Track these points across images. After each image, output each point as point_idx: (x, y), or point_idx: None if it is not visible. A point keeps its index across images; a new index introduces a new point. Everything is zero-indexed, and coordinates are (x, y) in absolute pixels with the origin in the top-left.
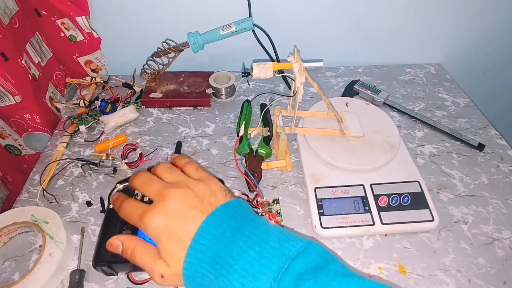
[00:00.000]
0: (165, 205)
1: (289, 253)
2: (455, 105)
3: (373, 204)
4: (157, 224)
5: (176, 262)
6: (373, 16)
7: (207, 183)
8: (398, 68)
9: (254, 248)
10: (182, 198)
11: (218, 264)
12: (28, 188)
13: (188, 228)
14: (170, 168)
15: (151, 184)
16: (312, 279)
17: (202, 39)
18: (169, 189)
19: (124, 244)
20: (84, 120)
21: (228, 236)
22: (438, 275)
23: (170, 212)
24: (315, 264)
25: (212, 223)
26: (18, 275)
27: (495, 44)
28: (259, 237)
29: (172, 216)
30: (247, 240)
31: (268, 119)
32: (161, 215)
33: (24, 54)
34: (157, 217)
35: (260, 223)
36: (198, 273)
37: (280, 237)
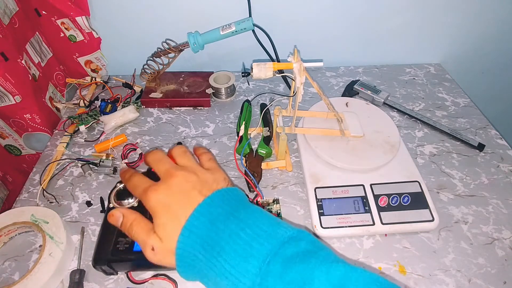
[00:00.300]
0: (169, 183)
1: (280, 238)
2: (455, 105)
3: (373, 204)
4: (158, 198)
5: (169, 238)
6: (373, 16)
7: (213, 173)
8: (398, 68)
9: (246, 231)
10: (186, 179)
11: (209, 246)
12: (28, 188)
13: (186, 208)
14: (184, 152)
15: (162, 163)
16: (301, 263)
17: (202, 39)
18: (177, 170)
19: (125, 217)
20: (84, 120)
21: (222, 219)
22: (438, 275)
23: (172, 190)
24: (305, 249)
25: (206, 207)
26: (18, 275)
27: (495, 44)
28: (251, 221)
29: (173, 194)
30: (239, 223)
31: (268, 119)
32: (163, 191)
33: (24, 54)
34: (160, 192)
35: (253, 209)
36: (190, 253)
37: (273, 223)
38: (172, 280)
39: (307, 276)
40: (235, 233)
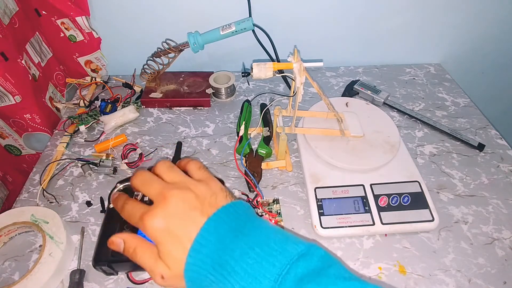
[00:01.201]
0: (165, 206)
1: (291, 256)
2: (455, 105)
3: (373, 204)
4: (157, 226)
5: (176, 263)
6: (373, 16)
7: (208, 184)
8: (398, 68)
9: (255, 249)
10: (182, 199)
11: (219, 266)
12: (28, 188)
13: (189, 229)
14: (170, 167)
15: (151, 184)
16: (313, 282)
17: (202, 39)
18: (170, 190)
19: (126, 243)
20: (84, 120)
21: (229, 237)
22: (438, 275)
23: (170, 214)
24: (316, 267)
25: (213, 225)
26: (18, 275)
27: (495, 44)
28: (260, 239)
29: (172, 218)
30: (248, 241)
31: (268, 119)
32: (161, 216)
33: (24, 54)
34: (157, 218)
35: (261, 225)
36: (200, 274)
37: (282, 239)
38: None
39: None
40: (245, 253)
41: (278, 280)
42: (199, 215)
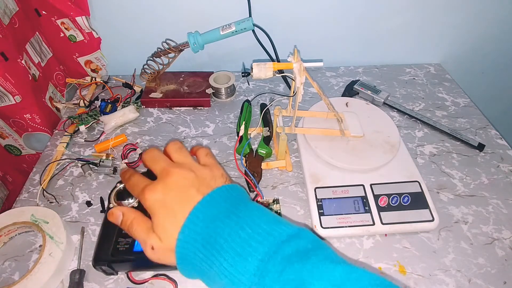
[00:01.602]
0: (166, 181)
1: (280, 236)
2: (455, 105)
3: (373, 204)
4: (155, 197)
5: (168, 236)
6: (373, 16)
7: (211, 169)
8: (398, 68)
9: (245, 229)
10: (183, 177)
11: (209, 244)
12: (28, 188)
13: (184, 205)
14: (180, 149)
15: (158, 161)
16: (300, 262)
17: (202, 39)
18: (173, 168)
19: (125, 215)
20: (84, 120)
21: (221, 217)
22: (438, 275)
23: (169, 188)
24: (305, 248)
25: (207, 204)
26: (18, 275)
27: (495, 44)
28: (251, 219)
29: (170, 192)
30: (238, 221)
31: (268, 119)
32: (160, 190)
33: (24, 54)
34: (157, 191)
35: (254, 207)
36: (190, 251)
37: (273, 221)
38: (172, 280)
39: (306, 275)
40: (235, 232)
41: (265, 258)
42: (195, 193)
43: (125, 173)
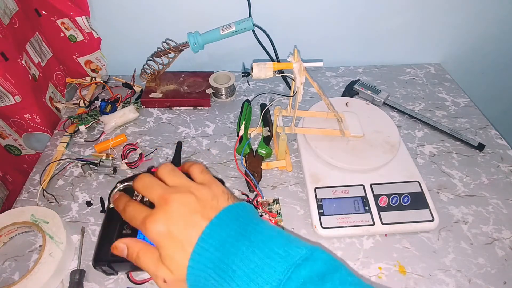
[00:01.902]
0: (166, 210)
1: (293, 260)
2: (455, 105)
3: (373, 204)
4: (159, 229)
5: (178, 268)
6: (373, 16)
7: (209, 187)
8: (398, 68)
9: (257, 253)
10: (183, 203)
11: (221, 270)
12: (28, 188)
13: (190, 233)
14: (172, 171)
15: (152, 188)
16: (317, 287)
17: (202, 39)
18: (171, 194)
19: (129, 248)
20: (84, 120)
21: (231, 241)
22: (438, 275)
23: (171, 218)
24: (320, 271)
25: (214, 228)
26: (18, 275)
27: (495, 44)
28: (262, 242)
29: (173, 222)
30: (250, 244)
31: (268, 119)
32: (162, 220)
33: (24, 54)
34: (159, 222)
35: (263, 227)
36: (202, 278)
37: (284, 242)
38: None
39: None
40: (246, 257)
41: (280, 285)
42: (200, 218)
43: (117, 201)
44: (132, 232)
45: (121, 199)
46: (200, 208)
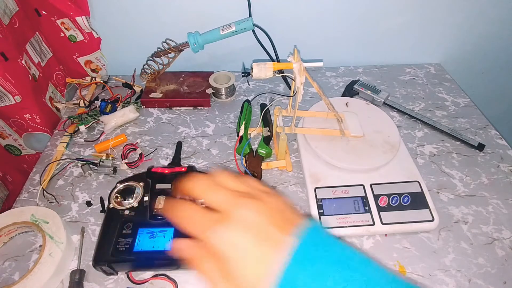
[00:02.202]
0: (238, 217)
1: None
2: (455, 105)
3: (373, 204)
4: (231, 238)
5: (243, 283)
6: (373, 16)
7: (276, 196)
8: (398, 68)
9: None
10: (257, 211)
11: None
12: (28, 188)
13: (271, 251)
14: (235, 177)
15: (215, 191)
16: None
17: (202, 39)
18: (241, 198)
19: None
20: (84, 120)
21: (323, 267)
22: (438, 275)
23: (245, 227)
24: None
25: (303, 249)
26: (18, 275)
27: (495, 44)
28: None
29: (248, 232)
30: (350, 272)
31: (268, 119)
32: (236, 228)
33: (24, 54)
34: (231, 230)
35: (347, 249)
36: None
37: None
38: (172, 280)
39: None
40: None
41: None
42: (277, 232)
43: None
44: (132, 233)
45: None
46: (274, 219)
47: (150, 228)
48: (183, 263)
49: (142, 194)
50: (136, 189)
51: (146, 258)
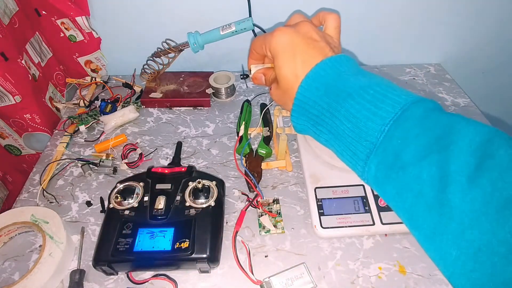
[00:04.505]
0: (298, 28)
1: (417, 96)
2: (455, 105)
3: (373, 204)
4: (284, 38)
5: (285, 79)
6: (373, 16)
7: (337, 39)
8: (398, 68)
9: (381, 85)
10: (315, 30)
11: (334, 93)
12: (28, 188)
13: (313, 55)
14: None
15: (291, 20)
16: (445, 113)
17: (202, 39)
18: (306, 21)
19: (266, 75)
20: (84, 120)
21: (350, 74)
22: (438, 275)
23: (300, 34)
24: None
25: (335, 60)
26: (18, 275)
27: (495, 44)
28: (382, 81)
29: (301, 38)
30: (371, 79)
31: (268, 119)
32: (292, 32)
33: (24, 54)
34: (287, 33)
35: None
36: (310, 100)
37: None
38: (172, 280)
39: (451, 126)
40: (367, 85)
41: (404, 106)
42: (325, 46)
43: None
44: (132, 232)
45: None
46: (325, 41)
47: (150, 228)
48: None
49: (142, 194)
50: (136, 189)
51: (146, 258)
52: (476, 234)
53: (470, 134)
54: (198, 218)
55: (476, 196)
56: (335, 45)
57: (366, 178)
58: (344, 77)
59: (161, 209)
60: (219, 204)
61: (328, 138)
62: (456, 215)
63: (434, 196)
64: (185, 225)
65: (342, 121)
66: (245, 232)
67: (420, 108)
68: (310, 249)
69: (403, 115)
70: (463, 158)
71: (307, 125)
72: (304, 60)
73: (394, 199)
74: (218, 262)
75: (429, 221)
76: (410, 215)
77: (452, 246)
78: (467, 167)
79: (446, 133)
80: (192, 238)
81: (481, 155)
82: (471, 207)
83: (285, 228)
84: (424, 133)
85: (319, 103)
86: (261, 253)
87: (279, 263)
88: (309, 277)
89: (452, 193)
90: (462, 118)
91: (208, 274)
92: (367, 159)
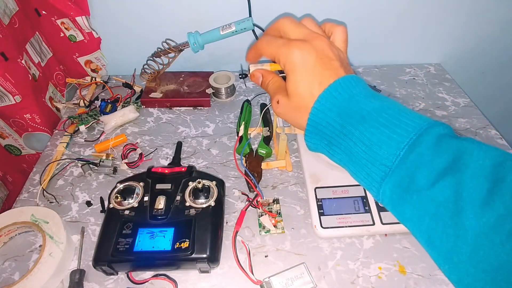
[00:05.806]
0: (314, 44)
1: (430, 120)
2: (455, 105)
3: (373, 204)
4: (301, 55)
5: (298, 96)
6: (373, 16)
7: (346, 56)
8: (398, 68)
9: (394, 109)
10: (329, 47)
11: (347, 115)
12: (28, 188)
13: (328, 75)
14: (297, 23)
15: (300, 26)
16: (456, 138)
17: (202, 39)
18: (319, 34)
19: (264, 77)
20: (84, 120)
21: (363, 96)
22: (438, 275)
23: (317, 52)
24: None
25: (349, 81)
26: (18, 275)
27: (495, 44)
28: (395, 104)
29: (317, 56)
30: (384, 102)
31: (268, 119)
32: (309, 49)
33: (24, 54)
34: (304, 49)
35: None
36: (323, 120)
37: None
38: (172, 280)
39: (463, 150)
40: (380, 109)
41: (418, 133)
42: (339, 67)
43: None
44: (132, 232)
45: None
46: (339, 60)
47: (150, 228)
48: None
49: (142, 194)
50: (136, 189)
51: (146, 258)
52: (492, 256)
53: (481, 158)
54: (198, 218)
55: (489, 219)
56: (345, 61)
57: (381, 199)
58: (356, 99)
59: (161, 209)
60: (219, 204)
61: (341, 158)
62: (470, 237)
63: (450, 218)
64: (185, 225)
65: (356, 143)
66: (245, 232)
67: (434, 133)
68: (310, 249)
69: (418, 140)
70: (476, 182)
71: (321, 144)
72: (320, 81)
73: (410, 221)
74: (218, 262)
75: (445, 243)
76: (427, 237)
77: (469, 267)
78: (480, 191)
79: (458, 157)
80: (192, 238)
81: (493, 179)
82: (484, 229)
83: (285, 228)
84: (438, 157)
85: (332, 124)
86: (261, 253)
87: (279, 263)
88: (309, 277)
89: (466, 216)
90: (473, 142)
91: (208, 274)
92: (382, 181)
